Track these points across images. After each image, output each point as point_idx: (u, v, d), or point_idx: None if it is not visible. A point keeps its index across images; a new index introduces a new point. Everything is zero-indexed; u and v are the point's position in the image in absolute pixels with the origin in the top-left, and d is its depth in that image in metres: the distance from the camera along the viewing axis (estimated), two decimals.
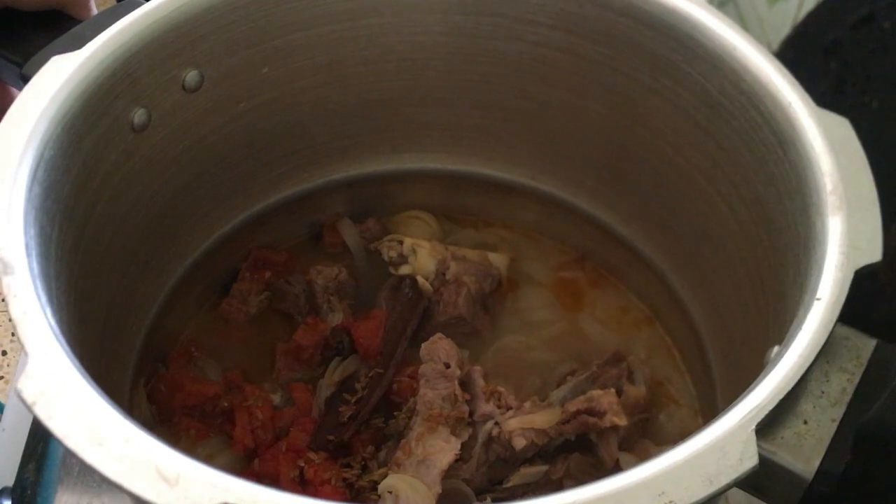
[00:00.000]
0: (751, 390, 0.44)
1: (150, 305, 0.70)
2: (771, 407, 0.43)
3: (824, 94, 0.56)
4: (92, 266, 0.60)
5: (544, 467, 0.65)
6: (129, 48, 0.60)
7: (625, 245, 0.75)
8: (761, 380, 0.44)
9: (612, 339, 0.75)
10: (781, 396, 0.43)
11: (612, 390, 0.66)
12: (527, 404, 0.66)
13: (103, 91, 0.59)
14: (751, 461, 0.41)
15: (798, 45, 0.78)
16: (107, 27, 0.60)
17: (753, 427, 0.42)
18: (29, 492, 0.68)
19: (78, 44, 0.60)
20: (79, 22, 0.67)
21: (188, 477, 0.41)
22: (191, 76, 0.64)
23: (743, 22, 0.94)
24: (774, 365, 0.44)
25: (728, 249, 0.65)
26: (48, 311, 0.48)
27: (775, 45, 0.80)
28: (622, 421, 0.64)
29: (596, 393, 0.65)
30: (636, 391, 0.68)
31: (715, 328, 0.68)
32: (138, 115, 0.62)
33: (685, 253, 0.71)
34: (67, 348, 0.46)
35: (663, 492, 0.40)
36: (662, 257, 0.73)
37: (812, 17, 0.78)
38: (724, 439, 0.42)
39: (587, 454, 0.66)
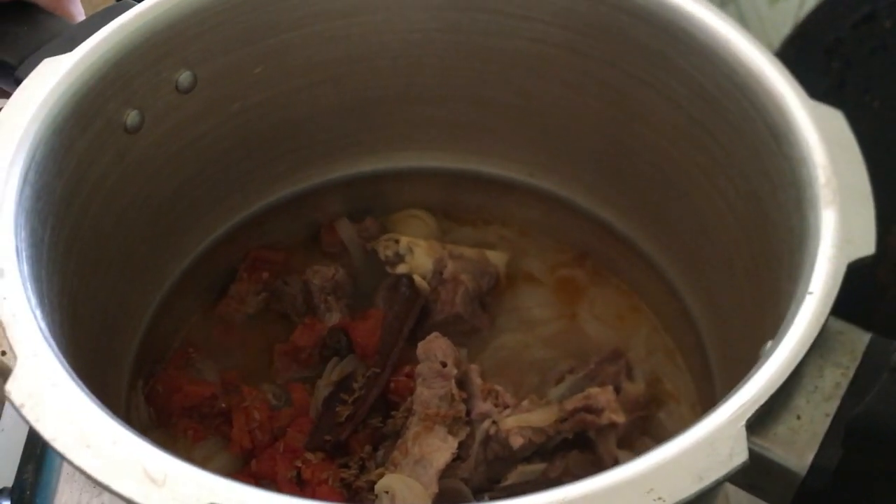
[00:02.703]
0: (742, 385, 0.43)
1: (147, 307, 0.70)
2: (762, 402, 0.42)
3: (825, 94, 0.55)
4: (86, 268, 0.60)
5: (542, 466, 0.64)
6: (121, 50, 0.60)
7: (624, 242, 0.75)
8: (752, 375, 0.44)
9: (612, 336, 0.74)
10: (772, 392, 0.43)
11: (610, 387, 0.65)
12: (525, 403, 0.66)
13: (95, 93, 0.59)
14: (740, 457, 0.41)
15: (799, 45, 0.77)
16: (99, 29, 0.60)
17: (744, 423, 0.42)
18: (28, 492, 0.68)
19: (71, 46, 0.60)
20: (72, 25, 0.67)
21: (175, 477, 0.41)
22: (184, 77, 0.64)
23: (744, 21, 0.94)
24: (766, 360, 0.44)
25: (725, 245, 0.64)
26: (38, 313, 0.48)
27: (776, 44, 0.80)
28: (620, 418, 0.64)
29: (593, 390, 0.65)
30: (635, 388, 0.68)
31: (713, 324, 0.68)
32: (131, 117, 0.62)
33: (684, 249, 0.70)
34: (57, 350, 0.46)
35: (652, 489, 0.40)
36: (661, 253, 0.73)
37: (813, 16, 0.78)
38: (714, 435, 0.41)
39: (586, 452, 0.66)
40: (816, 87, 0.56)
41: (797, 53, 0.77)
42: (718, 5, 0.62)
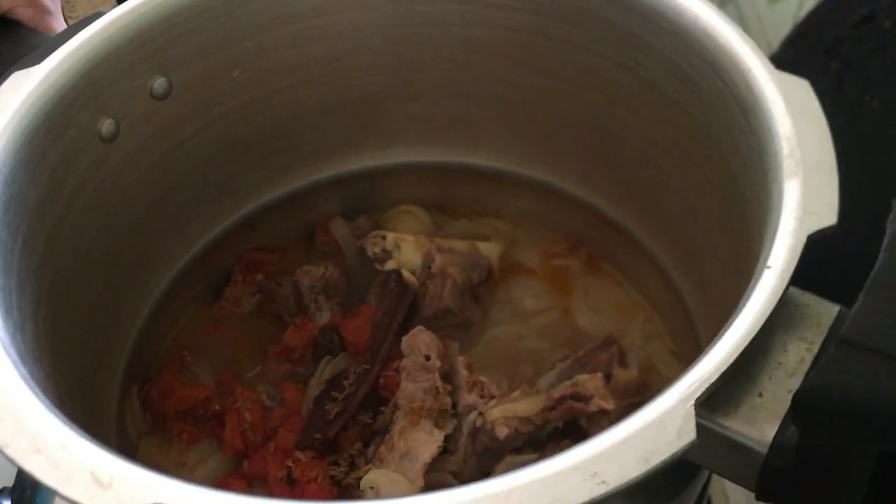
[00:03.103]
0: (694, 364, 0.42)
1: (139, 312, 0.70)
2: (712, 380, 0.42)
3: (825, 94, 0.54)
4: (68, 276, 0.61)
5: (533, 456, 0.63)
6: (92, 59, 0.61)
7: (616, 228, 0.74)
8: (705, 353, 0.43)
9: (607, 325, 0.73)
10: (723, 369, 0.42)
11: (599, 374, 0.64)
12: (515, 393, 0.65)
13: (66, 103, 0.59)
14: (689, 436, 0.40)
15: (798, 45, 0.76)
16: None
17: (693, 401, 0.41)
18: (28, 492, 0.69)
19: (44, 58, 0.60)
20: None
21: (121, 479, 0.41)
22: (158, 83, 0.65)
23: (743, 21, 0.94)
24: (719, 338, 0.43)
25: (710, 225, 0.63)
26: None
27: (776, 44, 0.79)
28: (609, 405, 0.63)
29: (581, 377, 0.64)
30: (626, 374, 0.67)
31: (705, 309, 0.66)
32: (106, 126, 0.62)
33: (673, 232, 0.69)
34: (16, 359, 0.47)
35: (595, 472, 0.39)
36: (653, 238, 0.71)
37: (813, 16, 0.77)
38: (664, 415, 0.41)
39: (579, 440, 0.65)
40: (816, 87, 0.55)
41: (796, 53, 0.76)
42: (718, 5, 0.61)
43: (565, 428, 0.65)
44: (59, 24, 0.72)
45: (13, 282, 0.53)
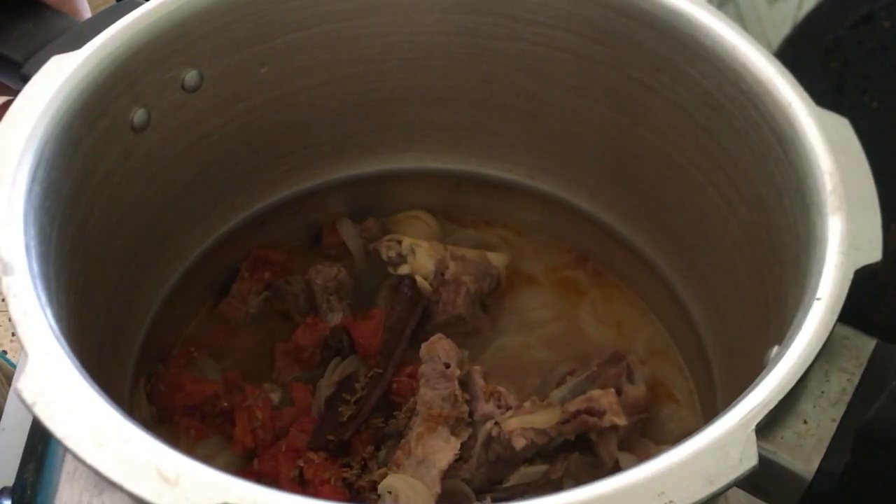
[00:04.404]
0: (751, 390, 0.44)
1: (150, 305, 0.70)
2: (771, 407, 0.43)
3: (824, 94, 0.56)
4: (91, 266, 0.60)
5: (544, 467, 0.65)
6: (129, 48, 0.60)
7: (625, 245, 0.75)
8: (761, 379, 0.44)
9: (612, 338, 0.75)
10: (781, 396, 0.43)
11: (612, 390, 0.66)
12: (526, 404, 0.66)
13: (103, 91, 0.59)
14: (751, 461, 0.41)
15: (798, 45, 0.78)
16: (106, 27, 0.60)
17: (753, 427, 0.42)
18: (29, 492, 0.68)
19: (78, 43, 0.59)
20: (78, 22, 0.67)
21: (188, 477, 0.41)
22: (190, 76, 0.64)
23: (742, 21, 0.95)
24: (774, 365, 0.44)
25: (728, 249, 0.65)
26: (48, 311, 0.48)
27: (775, 44, 0.80)
28: (622, 421, 0.64)
29: (595, 393, 0.65)
30: (636, 391, 0.68)
31: (715, 328, 0.68)
32: (138, 115, 0.62)
33: (685, 252, 0.70)
34: (67, 348, 0.46)
35: (663, 492, 0.40)
36: (663, 257, 0.73)
37: (812, 16, 0.78)
38: (725, 439, 0.42)
39: (587, 454, 0.66)
40: (815, 87, 0.57)
41: (796, 54, 0.77)
42: (717, 5, 0.62)
43: (574, 441, 0.66)
44: (83, 6, 0.71)
45: (51, 270, 0.53)
